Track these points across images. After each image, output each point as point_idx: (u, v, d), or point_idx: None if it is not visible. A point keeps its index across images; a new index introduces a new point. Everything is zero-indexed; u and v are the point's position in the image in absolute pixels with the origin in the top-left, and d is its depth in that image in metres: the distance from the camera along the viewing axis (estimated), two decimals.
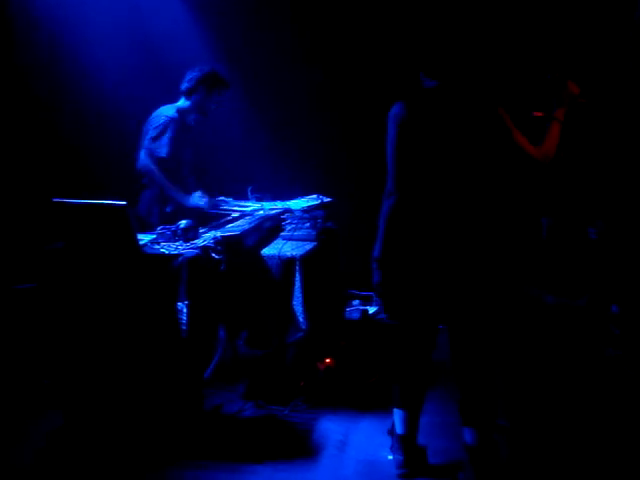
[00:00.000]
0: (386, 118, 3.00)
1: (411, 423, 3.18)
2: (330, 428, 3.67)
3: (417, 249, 2.99)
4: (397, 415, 3.19)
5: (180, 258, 3.19)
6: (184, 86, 4.22)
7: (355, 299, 5.40)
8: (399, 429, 3.19)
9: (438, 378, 3.46)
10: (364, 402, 3.92)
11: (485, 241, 2.93)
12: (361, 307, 5.24)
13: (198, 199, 4.16)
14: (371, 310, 5.22)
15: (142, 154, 4.10)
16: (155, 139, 4.10)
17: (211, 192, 4.29)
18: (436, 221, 2.94)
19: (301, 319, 3.80)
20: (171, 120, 4.15)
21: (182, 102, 4.26)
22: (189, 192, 4.20)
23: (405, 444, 3.17)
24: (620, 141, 4.15)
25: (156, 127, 4.12)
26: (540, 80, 3.17)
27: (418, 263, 2.99)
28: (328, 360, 4.10)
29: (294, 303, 3.80)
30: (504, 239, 2.97)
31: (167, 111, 4.19)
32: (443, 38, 3.03)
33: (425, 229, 2.97)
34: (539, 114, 3.10)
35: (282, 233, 4.12)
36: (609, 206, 4.11)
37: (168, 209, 4.20)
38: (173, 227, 3.46)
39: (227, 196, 4.39)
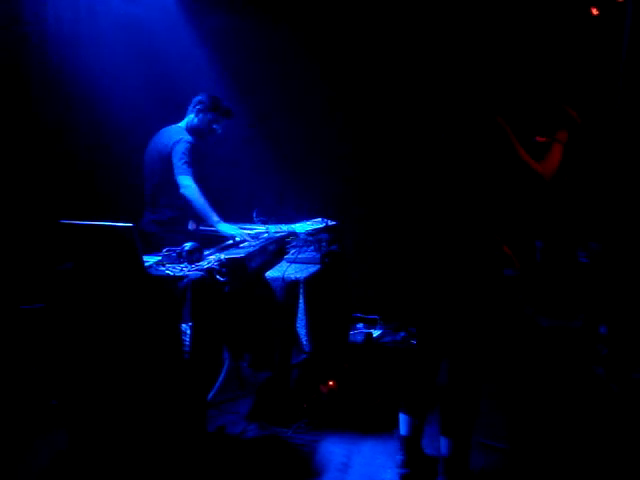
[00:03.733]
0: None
1: (415, 427, 3.30)
2: (333, 450, 3.68)
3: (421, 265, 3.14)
4: (402, 418, 3.32)
5: (185, 280, 3.20)
6: (190, 109, 4.31)
7: (359, 322, 5.43)
8: (403, 430, 3.31)
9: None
10: (367, 424, 3.92)
11: (485, 263, 3.00)
12: (365, 330, 5.27)
13: (232, 229, 4.17)
14: (375, 333, 5.24)
15: (183, 180, 4.07)
16: (190, 164, 4.11)
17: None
18: (438, 234, 3.07)
19: (304, 341, 3.82)
20: (193, 144, 4.19)
21: (186, 124, 4.33)
22: None
23: (407, 445, 3.29)
24: (610, 166, 4.22)
25: (185, 153, 4.11)
26: (541, 106, 3.23)
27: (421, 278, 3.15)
28: (331, 382, 4.11)
29: (298, 325, 3.82)
30: (503, 262, 3.03)
31: (182, 134, 4.22)
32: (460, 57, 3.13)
33: (427, 242, 3.11)
34: (542, 139, 3.14)
35: (286, 256, 4.15)
36: (601, 228, 4.17)
37: (190, 227, 4.26)
38: (178, 249, 3.49)
39: (234, 220, 4.42)
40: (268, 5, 5.49)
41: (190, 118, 4.31)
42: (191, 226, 4.16)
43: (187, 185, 4.07)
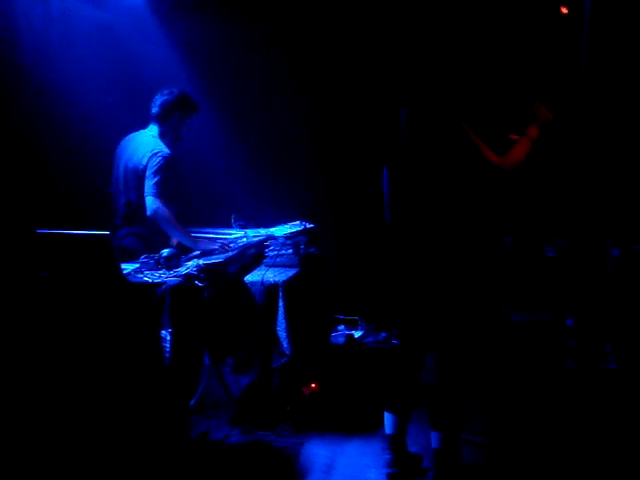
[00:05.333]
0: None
1: (400, 425, 3.32)
2: (316, 452, 3.69)
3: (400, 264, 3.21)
4: (387, 417, 3.34)
5: (163, 286, 3.20)
6: (156, 111, 4.06)
7: (340, 324, 5.44)
8: (388, 430, 3.33)
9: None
10: (350, 425, 3.95)
11: (462, 258, 3.07)
12: (346, 332, 5.28)
13: (209, 244, 4.01)
14: (356, 334, 5.26)
15: (151, 203, 3.83)
16: (162, 182, 3.86)
17: None
18: (416, 238, 3.13)
19: (285, 344, 3.83)
20: (168, 158, 3.93)
21: (156, 128, 4.09)
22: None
23: (394, 444, 3.31)
24: (576, 161, 4.31)
25: (158, 170, 3.86)
26: (514, 104, 3.28)
27: (401, 277, 3.22)
28: (313, 385, 4.12)
29: (278, 329, 3.84)
30: (479, 257, 3.09)
31: (157, 146, 3.97)
32: (418, 68, 3.19)
33: (405, 242, 3.17)
34: (515, 137, 3.20)
35: (265, 260, 4.16)
36: (567, 223, 4.27)
37: (173, 242, 4.12)
38: (156, 256, 3.49)
39: (210, 225, 4.41)
40: (243, 7, 5.49)
41: (161, 125, 4.07)
42: (173, 241, 4.09)
43: (155, 209, 3.83)
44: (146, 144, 4.00)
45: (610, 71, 4.41)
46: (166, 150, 3.97)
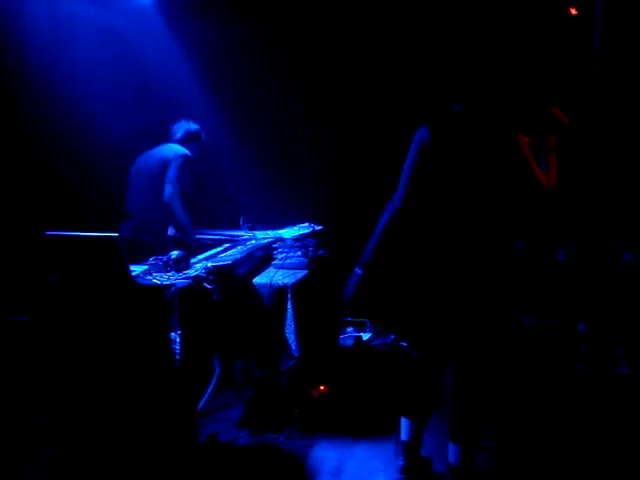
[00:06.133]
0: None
1: (416, 432, 3.27)
2: (325, 455, 3.67)
3: (419, 271, 3.12)
4: (403, 423, 3.28)
5: (172, 288, 3.19)
6: (180, 136, 4.65)
7: (349, 326, 5.43)
8: (404, 436, 3.28)
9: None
10: (358, 428, 3.92)
11: (488, 267, 2.99)
12: (355, 334, 5.28)
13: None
14: (365, 337, 5.25)
15: (170, 188, 4.37)
16: (181, 176, 4.43)
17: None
18: (442, 242, 3.03)
19: (294, 347, 3.82)
20: (190, 157, 4.55)
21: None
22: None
23: (408, 451, 3.26)
24: (588, 164, 4.28)
25: (179, 166, 4.44)
26: (530, 109, 3.25)
27: (421, 286, 3.13)
28: (322, 387, 4.11)
29: (286, 331, 3.83)
30: (500, 265, 3.03)
31: (182, 150, 4.55)
32: (470, 65, 3.11)
33: (428, 248, 3.07)
34: (528, 139, 3.16)
35: (274, 262, 4.15)
36: (578, 228, 4.23)
37: (170, 232, 4.47)
38: (165, 258, 3.48)
39: (218, 227, 4.44)
40: (251, 7, 5.48)
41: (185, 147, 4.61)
42: (171, 231, 4.25)
43: (171, 192, 4.33)
44: (171, 147, 4.59)
45: (621, 74, 4.38)
46: (187, 153, 4.55)
